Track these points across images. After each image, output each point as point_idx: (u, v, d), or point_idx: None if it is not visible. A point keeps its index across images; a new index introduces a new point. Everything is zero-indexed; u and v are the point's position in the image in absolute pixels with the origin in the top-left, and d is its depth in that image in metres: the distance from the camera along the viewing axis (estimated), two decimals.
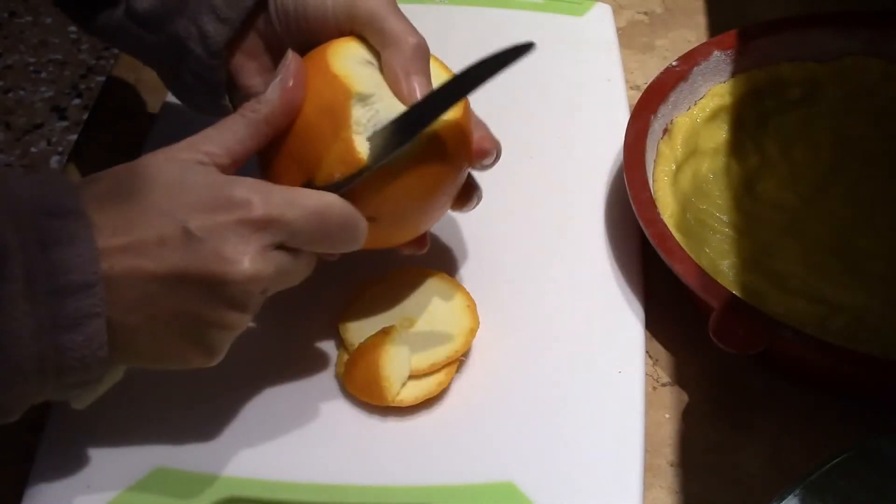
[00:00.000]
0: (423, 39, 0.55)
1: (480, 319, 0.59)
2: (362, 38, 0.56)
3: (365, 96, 0.53)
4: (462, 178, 0.57)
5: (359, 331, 0.58)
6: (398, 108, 0.53)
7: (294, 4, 0.57)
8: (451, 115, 0.54)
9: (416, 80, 0.54)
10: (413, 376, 0.56)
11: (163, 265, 0.47)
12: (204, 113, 0.61)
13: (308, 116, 0.53)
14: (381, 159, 0.52)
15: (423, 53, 0.55)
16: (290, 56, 0.53)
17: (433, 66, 0.56)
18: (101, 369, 0.47)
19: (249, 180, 0.50)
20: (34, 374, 0.45)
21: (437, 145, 0.54)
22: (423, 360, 0.57)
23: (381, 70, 0.55)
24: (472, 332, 0.58)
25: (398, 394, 0.56)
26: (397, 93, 0.54)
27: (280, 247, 0.49)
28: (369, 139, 0.52)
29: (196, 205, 0.48)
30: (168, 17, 0.58)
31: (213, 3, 0.57)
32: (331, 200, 0.50)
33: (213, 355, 0.51)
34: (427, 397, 0.56)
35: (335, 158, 0.52)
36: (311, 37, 0.56)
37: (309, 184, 0.52)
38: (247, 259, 0.48)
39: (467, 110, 0.56)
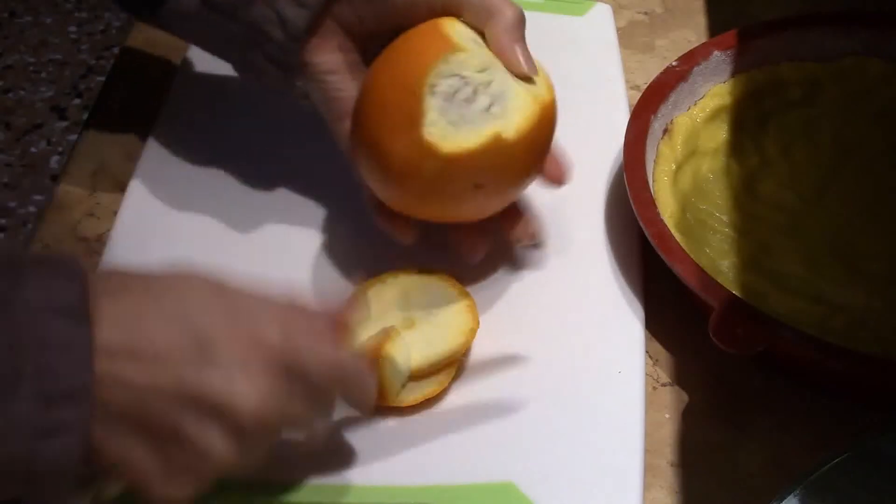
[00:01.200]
0: (520, 8, 0.57)
1: (480, 319, 0.59)
2: (462, 20, 0.57)
3: (460, 49, 0.55)
4: (518, 184, 0.60)
5: (359, 331, 0.58)
6: (487, 79, 0.55)
7: None
8: (527, 113, 0.56)
9: (519, 47, 0.55)
10: (413, 377, 0.56)
11: (167, 380, 0.44)
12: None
13: (401, 62, 0.56)
14: None
15: (522, 23, 0.56)
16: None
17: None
18: (69, 481, 0.44)
19: (281, 311, 0.48)
20: (2, 476, 0.42)
21: (502, 135, 0.55)
22: (423, 360, 0.57)
23: (487, 44, 0.56)
24: (473, 332, 0.58)
25: (398, 394, 0.56)
26: (504, 59, 0.55)
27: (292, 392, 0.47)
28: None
29: (216, 319, 0.45)
30: (246, 3, 0.58)
31: None
32: (350, 359, 0.49)
33: (177, 490, 0.46)
34: (427, 398, 0.56)
35: (403, 105, 0.54)
36: (394, 18, 0.57)
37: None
38: (256, 397, 0.45)
39: (550, 120, 0.59)
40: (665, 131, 0.68)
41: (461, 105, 0.55)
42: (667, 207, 0.64)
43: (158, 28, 0.65)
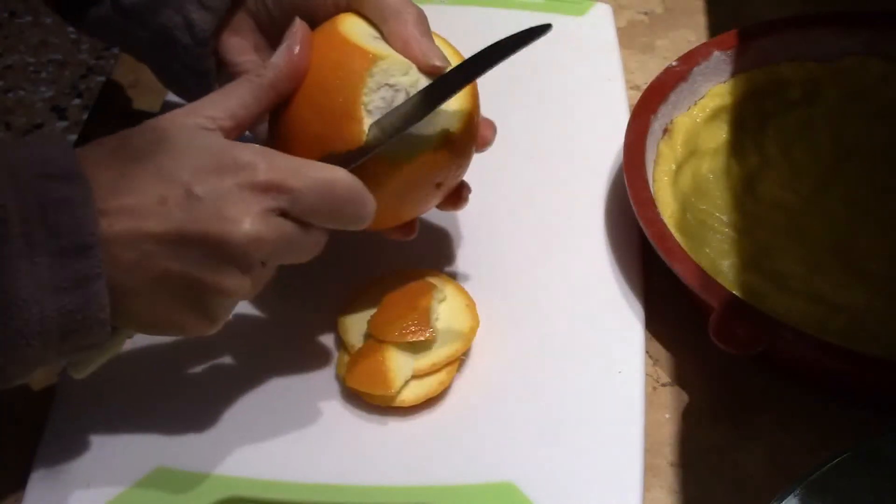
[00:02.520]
0: (421, 9, 0.55)
1: (480, 319, 0.59)
2: (361, 15, 0.56)
3: (380, 57, 0.53)
4: (465, 169, 0.58)
5: (359, 331, 0.58)
6: (413, 80, 0.54)
7: None
8: (464, 104, 0.55)
9: (426, 44, 0.54)
10: (414, 376, 0.56)
11: (163, 225, 0.47)
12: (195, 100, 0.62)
13: (321, 84, 0.53)
14: (387, 140, 0.52)
15: (425, 21, 0.55)
16: (298, 23, 0.53)
17: (444, 49, 0.56)
18: (103, 332, 0.47)
19: (255, 146, 0.49)
20: (36, 337, 0.45)
21: (451, 134, 0.55)
22: (424, 360, 0.57)
23: (387, 41, 0.55)
24: (473, 331, 0.58)
25: (401, 387, 0.56)
26: (412, 58, 0.54)
27: (285, 215, 0.49)
28: (378, 121, 0.52)
29: (199, 167, 0.48)
30: (154, 9, 0.58)
31: None
32: (338, 175, 0.50)
33: (210, 322, 0.50)
34: (428, 397, 0.56)
35: (343, 132, 0.52)
36: (304, 14, 0.56)
37: (322, 156, 0.52)
38: (248, 220, 0.47)
39: (477, 99, 0.57)
40: (665, 131, 0.68)
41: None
42: (667, 207, 0.64)
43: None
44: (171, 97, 0.75)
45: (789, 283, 0.61)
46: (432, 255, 0.61)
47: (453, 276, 0.62)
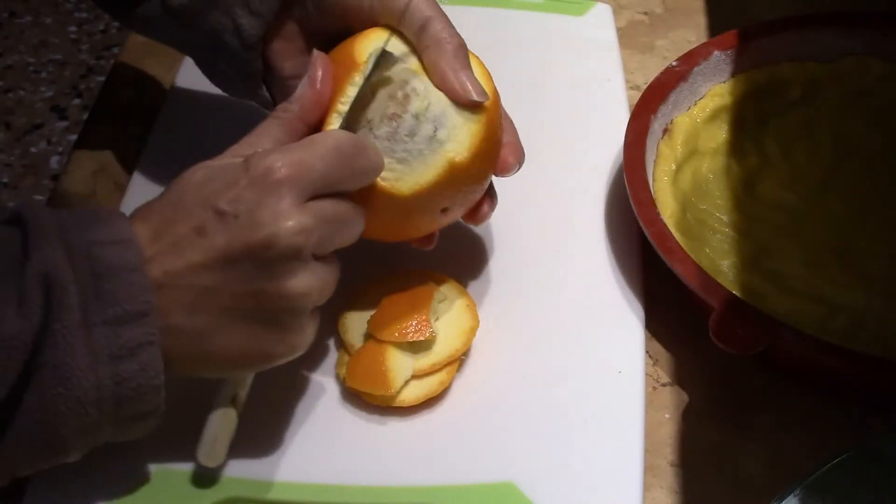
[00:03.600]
0: (463, 39, 0.55)
1: (480, 319, 0.59)
2: (394, 29, 0.56)
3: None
4: (478, 194, 0.57)
5: (359, 331, 0.58)
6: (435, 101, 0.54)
7: None
8: (475, 131, 0.54)
9: (465, 76, 0.54)
10: (414, 376, 0.56)
11: (206, 252, 0.47)
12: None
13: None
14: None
15: (465, 52, 0.55)
16: (316, 55, 0.54)
17: (478, 70, 0.56)
18: (157, 398, 0.47)
19: (262, 150, 0.50)
20: (93, 405, 0.46)
21: (456, 164, 0.54)
22: (424, 360, 0.57)
23: (422, 66, 0.55)
24: (473, 331, 0.58)
25: (401, 387, 0.56)
26: (448, 91, 0.54)
27: (314, 198, 0.49)
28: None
29: (223, 187, 0.48)
30: (202, 11, 0.58)
31: None
32: (338, 133, 0.51)
33: (294, 338, 0.49)
34: (428, 397, 0.56)
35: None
36: (347, 23, 0.57)
37: None
38: (285, 216, 0.47)
39: (494, 126, 0.56)
40: (665, 131, 0.68)
41: (405, 140, 0.53)
42: (667, 207, 0.64)
43: (133, 30, 0.66)
44: (173, 98, 0.75)
45: (789, 283, 0.61)
46: (432, 255, 0.61)
47: (453, 277, 0.62)
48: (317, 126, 0.53)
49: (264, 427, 0.56)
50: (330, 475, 0.54)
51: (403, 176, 0.53)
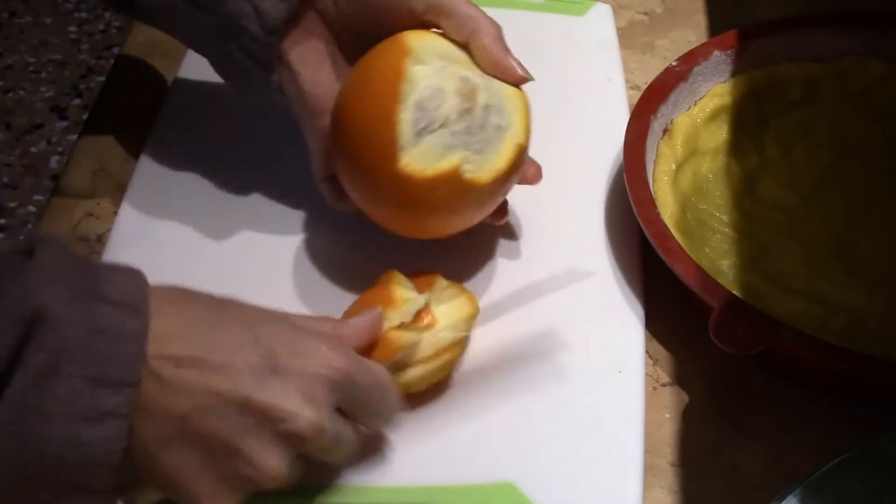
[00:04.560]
0: (497, 23, 0.58)
1: (480, 320, 0.59)
2: (436, 30, 0.58)
3: (421, 60, 0.55)
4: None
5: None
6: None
7: None
8: (520, 139, 0.58)
9: (511, 57, 0.57)
10: (418, 362, 0.56)
11: (230, 385, 0.45)
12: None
13: (366, 77, 0.57)
14: None
15: (502, 36, 0.58)
16: (378, 312, 0.54)
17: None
18: (107, 478, 0.44)
19: (328, 334, 0.49)
20: (35, 460, 0.42)
21: (528, 135, 0.59)
22: (427, 347, 0.57)
23: (473, 57, 0.57)
24: (473, 317, 0.58)
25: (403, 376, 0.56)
26: (503, 73, 0.57)
27: (338, 410, 0.49)
28: None
29: (277, 343, 0.47)
30: None
31: None
32: (388, 378, 0.51)
33: (226, 499, 0.46)
34: (434, 380, 0.56)
35: (382, 132, 0.55)
36: (383, 23, 0.57)
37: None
38: (315, 407, 0.46)
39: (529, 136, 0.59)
40: (665, 131, 0.68)
41: (479, 132, 0.56)
42: (667, 207, 0.64)
43: (136, 20, 0.65)
44: (173, 99, 0.75)
45: (789, 283, 0.61)
46: (432, 255, 0.61)
47: (453, 276, 0.62)
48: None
49: None
50: (330, 475, 0.54)
51: (482, 165, 0.56)
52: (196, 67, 0.76)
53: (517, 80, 0.57)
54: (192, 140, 0.72)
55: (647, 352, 0.60)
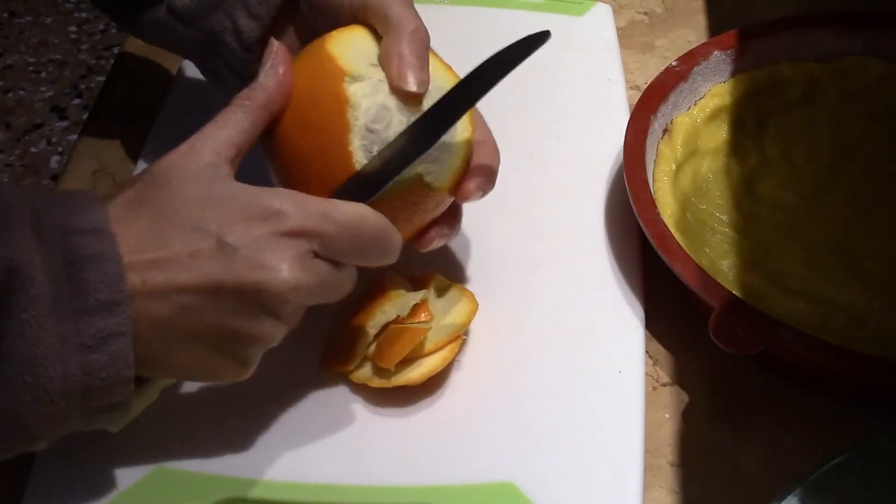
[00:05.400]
0: (423, 26, 0.55)
1: (480, 320, 0.59)
2: (372, 29, 0.56)
3: (357, 77, 0.53)
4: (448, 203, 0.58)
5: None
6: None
7: None
8: (468, 133, 0.56)
9: (407, 65, 0.53)
10: (418, 356, 0.56)
11: (198, 277, 0.46)
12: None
13: (306, 106, 0.53)
14: (397, 171, 0.52)
15: (419, 39, 0.54)
16: (275, 43, 0.54)
17: (441, 72, 0.56)
18: (127, 390, 0.47)
19: (282, 191, 0.49)
20: (60, 395, 0.45)
21: (465, 167, 0.56)
22: (426, 341, 0.57)
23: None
24: (472, 312, 0.58)
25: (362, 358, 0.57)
26: (389, 77, 0.53)
27: (317, 257, 0.49)
28: (381, 153, 0.52)
29: (228, 217, 0.47)
30: (205, 12, 0.59)
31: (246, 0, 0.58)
32: (364, 212, 0.50)
33: (246, 369, 0.50)
34: (432, 374, 0.56)
35: (336, 163, 0.52)
36: (333, 24, 0.57)
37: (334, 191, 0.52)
38: (285, 267, 0.47)
39: (472, 133, 0.57)
40: (665, 131, 0.68)
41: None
42: (667, 207, 0.64)
43: (137, 37, 0.66)
44: (173, 99, 0.75)
45: (789, 283, 0.61)
46: (432, 255, 0.61)
47: (453, 276, 0.62)
48: (278, 114, 0.53)
49: (264, 427, 0.56)
50: (330, 475, 0.54)
51: (441, 172, 0.54)
52: (195, 68, 0.76)
53: (402, 92, 0.53)
54: None
55: (647, 352, 0.60)
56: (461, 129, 0.56)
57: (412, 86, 0.53)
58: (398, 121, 0.53)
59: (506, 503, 0.53)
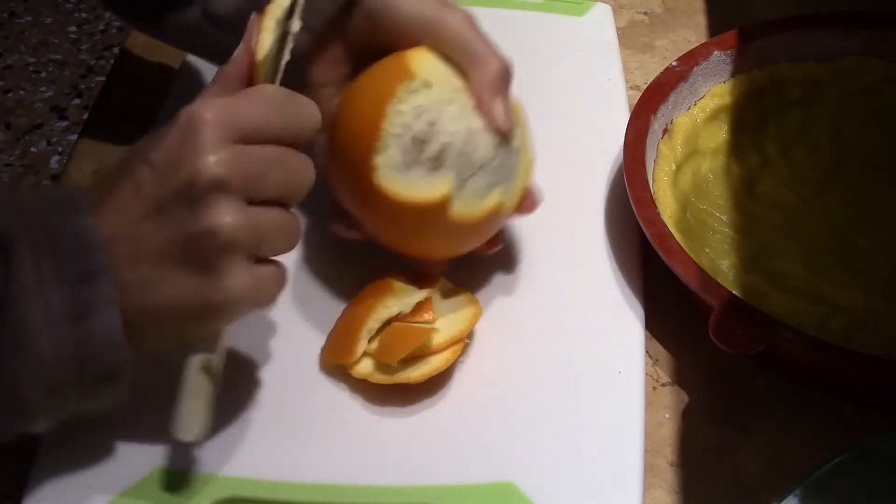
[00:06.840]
0: (507, 61, 0.57)
1: (481, 320, 0.59)
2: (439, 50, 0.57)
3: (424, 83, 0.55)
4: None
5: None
6: (448, 111, 0.55)
7: (377, 12, 0.57)
8: (531, 154, 0.59)
9: (500, 101, 0.56)
10: (420, 355, 0.56)
11: (142, 202, 0.48)
12: None
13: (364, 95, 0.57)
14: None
15: (507, 75, 0.57)
16: (253, 17, 0.54)
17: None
18: (119, 355, 0.47)
19: (195, 102, 0.50)
20: (54, 366, 0.46)
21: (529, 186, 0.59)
22: (430, 341, 0.57)
23: (468, 87, 0.56)
24: (476, 316, 0.58)
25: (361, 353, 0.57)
26: (484, 111, 0.56)
27: (246, 142, 0.49)
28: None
29: (155, 142, 0.49)
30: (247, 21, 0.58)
31: None
32: (267, 86, 0.52)
33: (228, 279, 0.48)
34: (434, 374, 0.56)
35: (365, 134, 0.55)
36: (392, 41, 0.57)
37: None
38: (207, 150, 0.47)
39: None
40: (665, 131, 0.68)
41: (508, 160, 0.57)
42: (667, 207, 0.64)
43: (157, 38, 0.65)
44: (173, 99, 0.75)
45: (789, 282, 0.61)
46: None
47: (453, 277, 0.62)
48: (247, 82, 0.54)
49: (264, 427, 0.56)
50: (330, 475, 0.54)
51: (510, 190, 0.58)
52: (196, 68, 0.76)
53: (493, 127, 0.56)
54: None
55: (647, 352, 0.60)
56: (526, 152, 0.59)
57: (504, 125, 0.56)
58: (486, 146, 0.56)
59: (506, 503, 0.53)
